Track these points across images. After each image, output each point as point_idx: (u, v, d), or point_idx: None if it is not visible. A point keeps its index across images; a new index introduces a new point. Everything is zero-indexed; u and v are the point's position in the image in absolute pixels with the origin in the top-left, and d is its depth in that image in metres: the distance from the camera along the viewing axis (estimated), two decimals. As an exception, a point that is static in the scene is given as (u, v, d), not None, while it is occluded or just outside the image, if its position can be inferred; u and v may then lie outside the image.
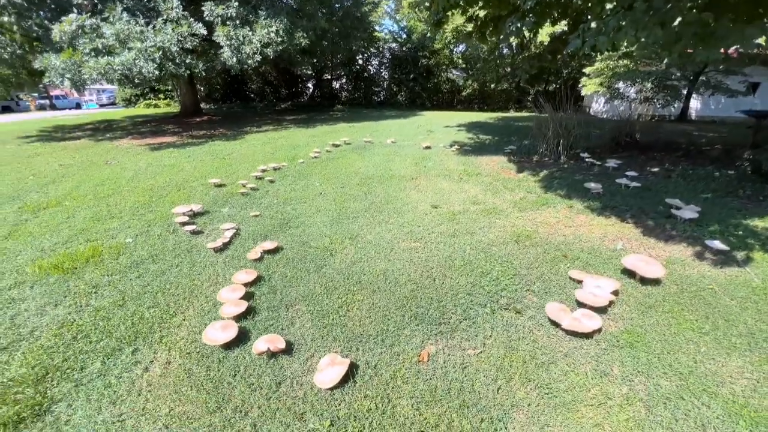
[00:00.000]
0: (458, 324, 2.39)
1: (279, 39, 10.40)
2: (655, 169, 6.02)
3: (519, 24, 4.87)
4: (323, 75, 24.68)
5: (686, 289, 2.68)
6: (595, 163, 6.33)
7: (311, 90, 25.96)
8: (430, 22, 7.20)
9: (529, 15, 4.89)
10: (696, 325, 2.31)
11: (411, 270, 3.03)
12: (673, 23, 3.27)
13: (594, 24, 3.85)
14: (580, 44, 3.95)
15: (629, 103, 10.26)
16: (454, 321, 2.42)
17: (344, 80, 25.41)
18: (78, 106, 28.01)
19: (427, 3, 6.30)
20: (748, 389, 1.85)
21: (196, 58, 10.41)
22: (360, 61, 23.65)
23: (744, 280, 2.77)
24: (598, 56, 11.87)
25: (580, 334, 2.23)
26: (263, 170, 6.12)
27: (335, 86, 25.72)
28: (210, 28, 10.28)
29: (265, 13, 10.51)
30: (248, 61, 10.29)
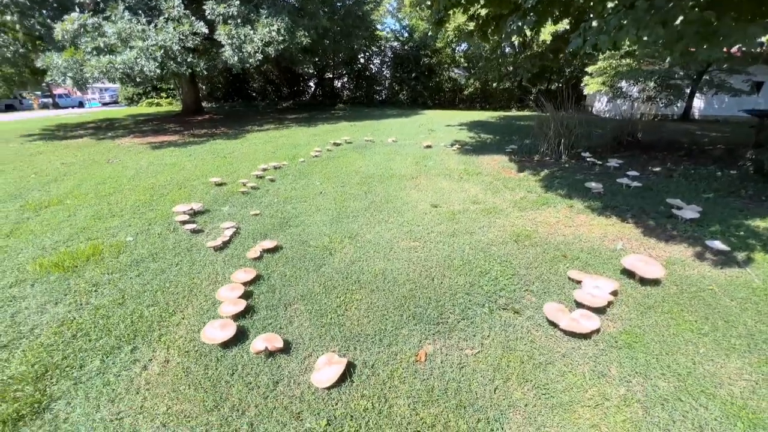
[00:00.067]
0: (456, 324, 2.39)
1: (280, 38, 10.40)
2: (657, 169, 5.99)
3: (520, 23, 4.85)
4: (325, 74, 24.64)
5: (686, 290, 2.67)
6: (597, 163, 6.30)
7: (313, 89, 25.94)
8: (432, 21, 7.20)
9: (531, 14, 4.87)
10: (695, 326, 2.30)
11: (410, 269, 3.04)
12: (675, 22, 3.24)
13: (595, 23, 3.83)
14: (582, 43, 3.93)
15: (632, 103, 10.22)
16: (452, 321, 2.41)
17: (346, 79, 25.36)
18: (81, 105, 28.11)
19: (429, 2, 6.27)
20: (747, 391, 1.84)
21: (198, 57, 10.43)
22: (362, 60, 23.59)
23: (744, 281, 2.76)
24: (601, 55, 11.78)
25: (579, 335, 2.22)
26: (264, 169, 6.13)
27: (337, 85, 25.69)
28: (211, 27, 10.30)
29: (267, 12, 10.51)
30: (249, 60, 10.29)
